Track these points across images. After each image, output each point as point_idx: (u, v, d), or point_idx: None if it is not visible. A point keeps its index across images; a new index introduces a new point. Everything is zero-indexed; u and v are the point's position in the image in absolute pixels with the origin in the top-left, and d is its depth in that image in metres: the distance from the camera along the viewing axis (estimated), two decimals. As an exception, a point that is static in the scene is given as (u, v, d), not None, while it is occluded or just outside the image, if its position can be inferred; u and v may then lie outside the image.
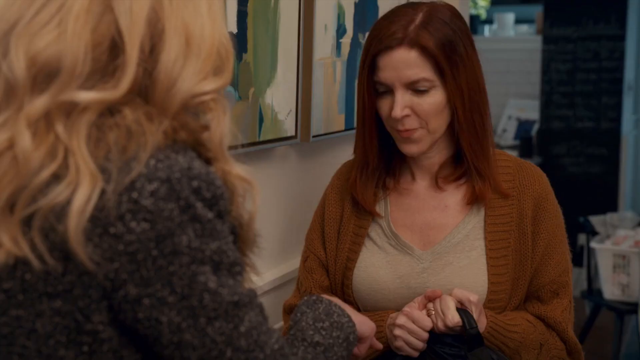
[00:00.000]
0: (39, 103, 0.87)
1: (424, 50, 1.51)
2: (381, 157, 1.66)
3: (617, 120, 5.82)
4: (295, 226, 2.12)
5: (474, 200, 1.63)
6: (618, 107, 5.81)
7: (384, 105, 1.58)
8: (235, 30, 1.73)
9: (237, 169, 0.98)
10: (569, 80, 5.91)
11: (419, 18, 1.53)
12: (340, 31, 2.22)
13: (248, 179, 0.99)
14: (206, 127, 0.95)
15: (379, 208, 1.68)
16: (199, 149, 0.94)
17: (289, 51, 1.97)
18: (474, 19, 6.65)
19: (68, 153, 0.86)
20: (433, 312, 1.53)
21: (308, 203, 2.13)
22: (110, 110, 0.89)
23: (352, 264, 1.67)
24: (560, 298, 1.64)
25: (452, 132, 1.60)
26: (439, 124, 1.57)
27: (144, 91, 0.92)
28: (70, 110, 0.88)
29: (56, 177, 0.86)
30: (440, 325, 1.51)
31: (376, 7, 2.42)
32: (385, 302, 1.64)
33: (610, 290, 3.98)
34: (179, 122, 0.92)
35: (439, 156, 1.65)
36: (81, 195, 0.84)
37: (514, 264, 1.61)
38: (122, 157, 0.87)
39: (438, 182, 1.65)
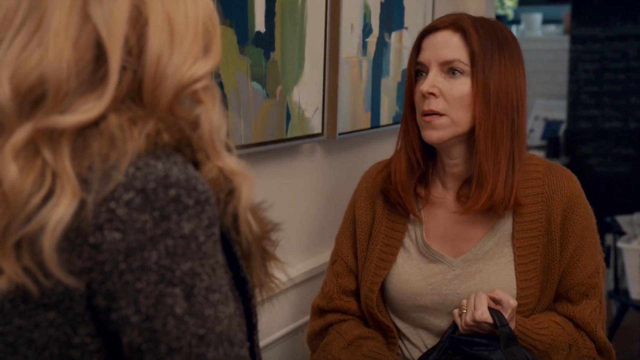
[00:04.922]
0: (23, 132, 0.85)
1: (466, 37, 1.59)
2: (422, 155, 1.68)
3: (645, 120, 5.79)
4: (322, 222, 2.15)
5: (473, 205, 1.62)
6: (646, 107, 5.78)
7: (417, 89, 1.63)
8: (263, 30, 1.76)
9: (231, 164, 0.93)
10: (597, 80, 5.88)
11: (472, 17, 1.64)
12: (366, 31, 2.24)
13: (242, 172, 0.94)
14: (197, 123, 0.91)
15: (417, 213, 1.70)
16: (185, 150, 0.90)
17: (316, 50, 2.00)
18: (501, 19, 6.63)
19: (56, 176, 0.84)
20: (465, 311, 1.55)
21: (334, 199, 2.16)
22: (95, 119, 0.87)
23: (383, 271, 1.69)
24: (589, 299, 1.64)
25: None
26: (463, 115, 1.59)
27: (138, 92, 0.89)
28: (52, 133, 0.85)
29: (45, 201, 0.84)
30: (468, 318, 1.52)
31: (402, 7, 2.45)
32: (416, 307, 1.67)
33: (637, 290, 3.96)
34: (164, 123, 0.88)
35: (464, 166, 1.66)
36: (58, 213, 0.82)
37: (542, 268, 1.63)
38: (104, 166, 0.84)
39: (461, 198, 1.66)
